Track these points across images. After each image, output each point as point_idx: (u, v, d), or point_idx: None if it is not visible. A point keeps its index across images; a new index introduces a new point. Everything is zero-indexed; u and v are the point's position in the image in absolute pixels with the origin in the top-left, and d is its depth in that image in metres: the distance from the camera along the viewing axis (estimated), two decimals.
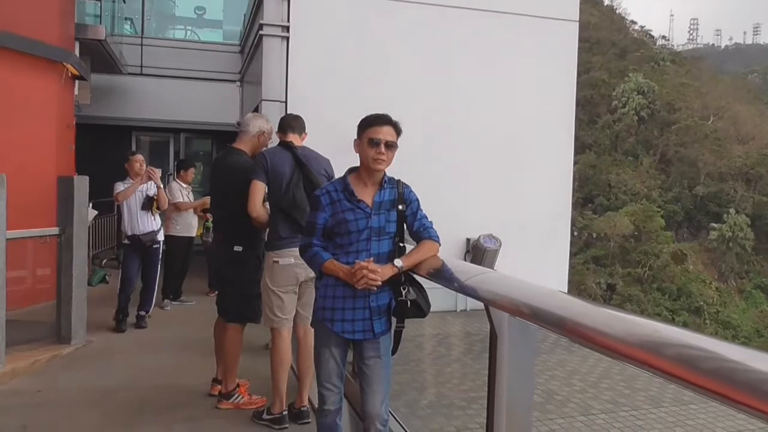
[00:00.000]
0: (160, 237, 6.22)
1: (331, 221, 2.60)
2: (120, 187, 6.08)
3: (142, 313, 6.22)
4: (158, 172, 6.14)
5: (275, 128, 3.92)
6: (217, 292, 7.66)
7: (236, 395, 3.97)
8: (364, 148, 2.60)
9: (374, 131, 2.59)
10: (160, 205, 6.17)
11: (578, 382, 5.70)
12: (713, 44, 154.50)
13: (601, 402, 5.17)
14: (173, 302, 7.27)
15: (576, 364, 6.17)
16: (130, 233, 6.07)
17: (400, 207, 2.66)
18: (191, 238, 7.42)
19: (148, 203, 6.07)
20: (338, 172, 4.03)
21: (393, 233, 2.65)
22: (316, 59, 8.05)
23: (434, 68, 8.38)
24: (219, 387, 4.07)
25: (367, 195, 2.62)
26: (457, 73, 8.63)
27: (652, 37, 73.73)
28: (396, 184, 2.70)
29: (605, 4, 69.28)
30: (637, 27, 71.25)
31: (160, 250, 6.28)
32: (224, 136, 11.47)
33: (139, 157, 6.27)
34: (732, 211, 43.61)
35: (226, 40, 13.05)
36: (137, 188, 6.02)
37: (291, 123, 3.78)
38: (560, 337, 6.83)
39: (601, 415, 4.83)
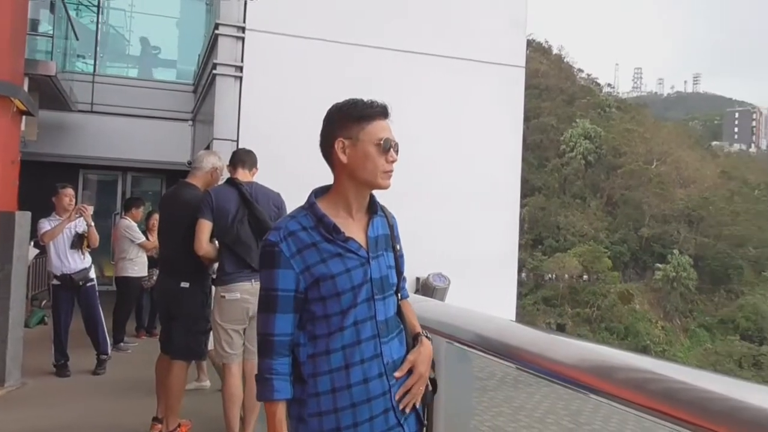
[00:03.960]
0: (92, 274, 5.95)
1: (304, 281, 1.59)
2: (46, 225, 5.71)
3: (103, 357, 5.94)
4: (90, 210, 5.81)
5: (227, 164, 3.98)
6: (146, 334, 7.63)
7: None
8: (369, 155, 1.63)
9: (381, 127, 1.66)
10: (91, 244, 5.85)
11: (524, 417, 5.79)
12: (656, 92, 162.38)
13: None
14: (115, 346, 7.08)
15: (522, 400, 6.26)
16: (59, 273, 5.73)
17: (398, 247, 1.79)
18: (143, 278, 7.33)
19: (78, 241, 5.74)
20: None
21: (395, 285, 1.74)
22: (269, 99, 8.15)
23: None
24: (159, 426, 4.00)
25: (356, 230, 1.67)
26: (405, 115, 8.82)
27: (599, 84, 77.00)
28: (383, 210, 1.80)
29: (554, 53, 72.23)
30: (584, 75, 74.38)
31: (96, 288, 6.01)
32: (174, 175, 11.39)
33: (69, 191, 5.89)
34: (676, 252, 45.29)
35: (180, 79, 13.07)
36: (65, 227, 5.68)
37: (242, 158, 3.85)
38: (506, 374, 6.93)
39: None
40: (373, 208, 1.74)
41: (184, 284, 3.78)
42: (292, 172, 7.12)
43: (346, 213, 1.68)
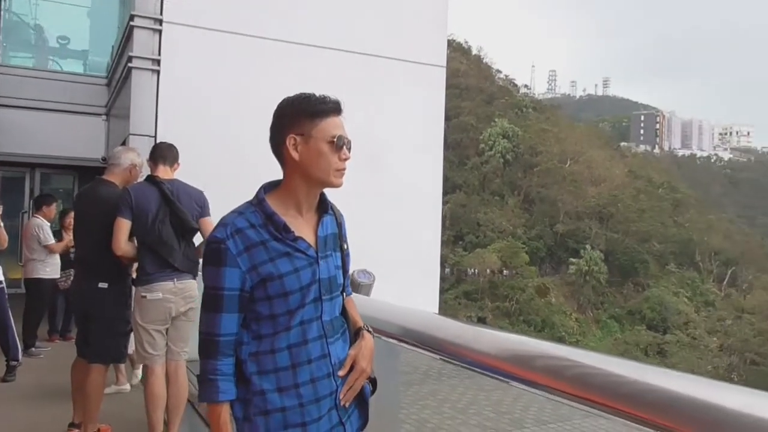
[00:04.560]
0: (0, 277, 5.61)
1: (251, 280, 1.53)
2: None
3: (13, 363, 5.58)
4: None
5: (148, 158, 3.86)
6: (59, 338, 7.27)
7: None
8: (321, 152, 1.59)
9: (335, 124, 1.64)
10: (0, 244, 5.56)
11: (448, 409, 5.93)
12: (569, 94, 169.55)
13: (470, 426, 5.43)
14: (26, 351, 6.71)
15: (446, 392, 6.41)
16: None
17: (345, 246, 1.75)
18: (56, 280, 6.97)
19: None
20: (215, 210, 4.00)
21: (341, 286, 1.71)
22: (188, 94, 7.94)
23: None
24: (76, 431, 3.85)
25: (305, 228, 1.62)
26: None
27: (516, 85, 79.51)
28: (332, 208, 1.77)
29: (473, 53, 73.92)
30: (502, 76, 76.53)
31: (5, 291, 5.68)
32: (88, 172, 10.92)
33: None
34: (588, 247, 47.53)
35: (92, 72, 12.51)
36: None
37: (163, 153, 3.73)
38: (431, 368, 7.09)
39: None
40: (324, 207, 1.70)
41: (103, 285, 3.66)
42: (213, 169, 7.01)
43: (296, 211, 1.62)
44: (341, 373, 1.62)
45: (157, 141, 7.56)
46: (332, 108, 1.65)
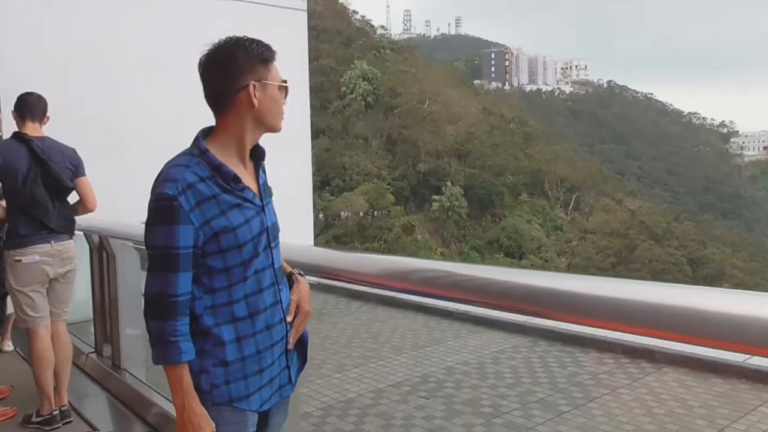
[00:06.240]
0: None
1: (203, 235, 1.48)
2: None
3: None
4: None
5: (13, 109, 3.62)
6: None
7: None
8: (275, 98, 1.58)
9: (277, 69, 1.59)
10: None
11: (331, 345, 6.25)
12: (425, 34, 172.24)
13: (353, 359, 5.76)
14: None
15: (328, 330, 6.73)
16: None
17: (273, 192, 1.74)
18: None
19: None
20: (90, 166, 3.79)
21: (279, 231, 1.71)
22: (30, 40, 7.35)
23: (159, 52, 8.11)
24: None
25: (248, 178, 1.59)
26: (186, 62, 8.53)
27: (373, 26, 79.49)
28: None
29: None
30: (359, 17, 75.99)
31: None
32: None
33: None
34: (449, 183, 49.74)
35: None
36: None
37: (31, 106, 3.49)
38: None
39: (354, 370, 5.40)
40: (260, 154, 1.65)
41: None
42: (64, 122, 6.61)
43: (238, 159, 1.57)
44: (290, 318, 1.66)
45: None
46: (274, 53, 1.60)
